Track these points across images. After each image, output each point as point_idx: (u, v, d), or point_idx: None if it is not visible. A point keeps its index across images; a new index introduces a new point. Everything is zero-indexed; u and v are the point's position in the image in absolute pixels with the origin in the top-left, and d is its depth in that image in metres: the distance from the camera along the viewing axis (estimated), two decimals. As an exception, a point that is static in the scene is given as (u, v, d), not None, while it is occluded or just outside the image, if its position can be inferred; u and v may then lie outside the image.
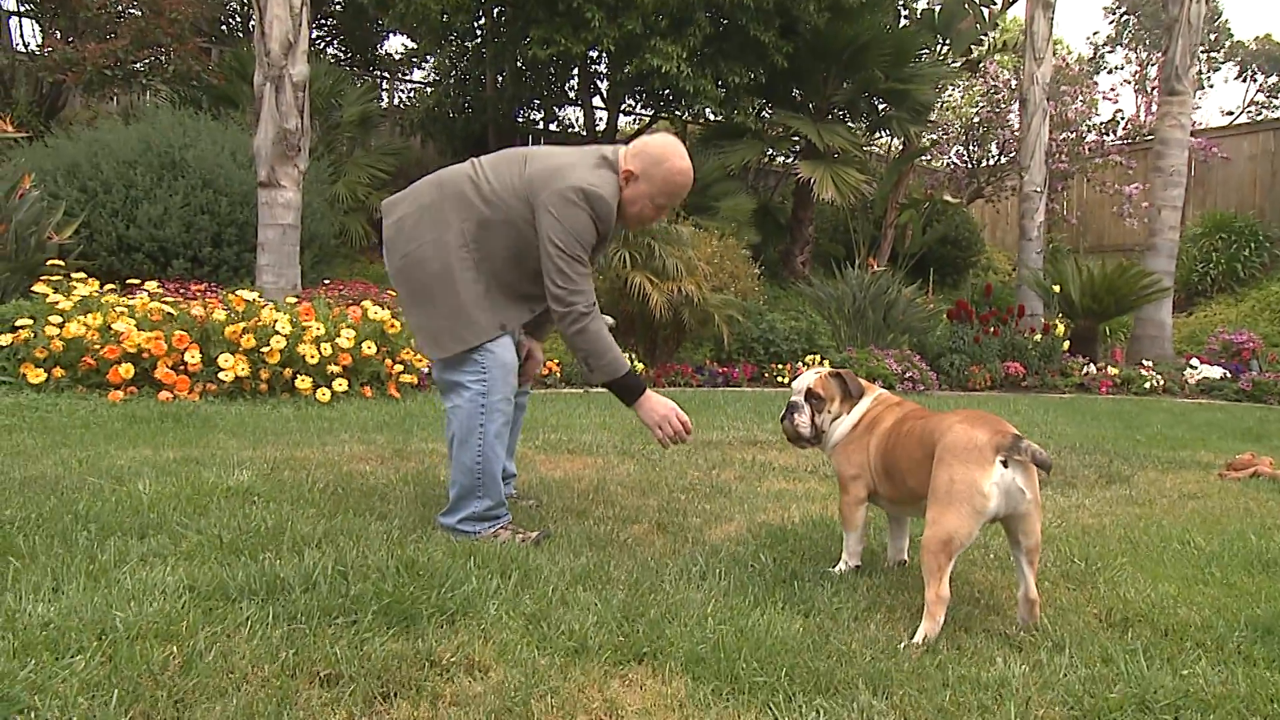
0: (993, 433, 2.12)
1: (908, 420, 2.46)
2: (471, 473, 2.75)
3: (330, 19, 15.26)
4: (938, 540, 2.08)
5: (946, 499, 2.10)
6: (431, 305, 2.76)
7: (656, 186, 2.74)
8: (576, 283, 2.66)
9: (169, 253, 8.10)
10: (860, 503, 2.54)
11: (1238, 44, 25.25)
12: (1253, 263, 13.48)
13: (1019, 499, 2.11)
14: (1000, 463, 2.09)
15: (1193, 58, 11.26)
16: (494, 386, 2.73)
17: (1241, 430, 6.37)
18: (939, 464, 2.16)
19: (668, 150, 2.74)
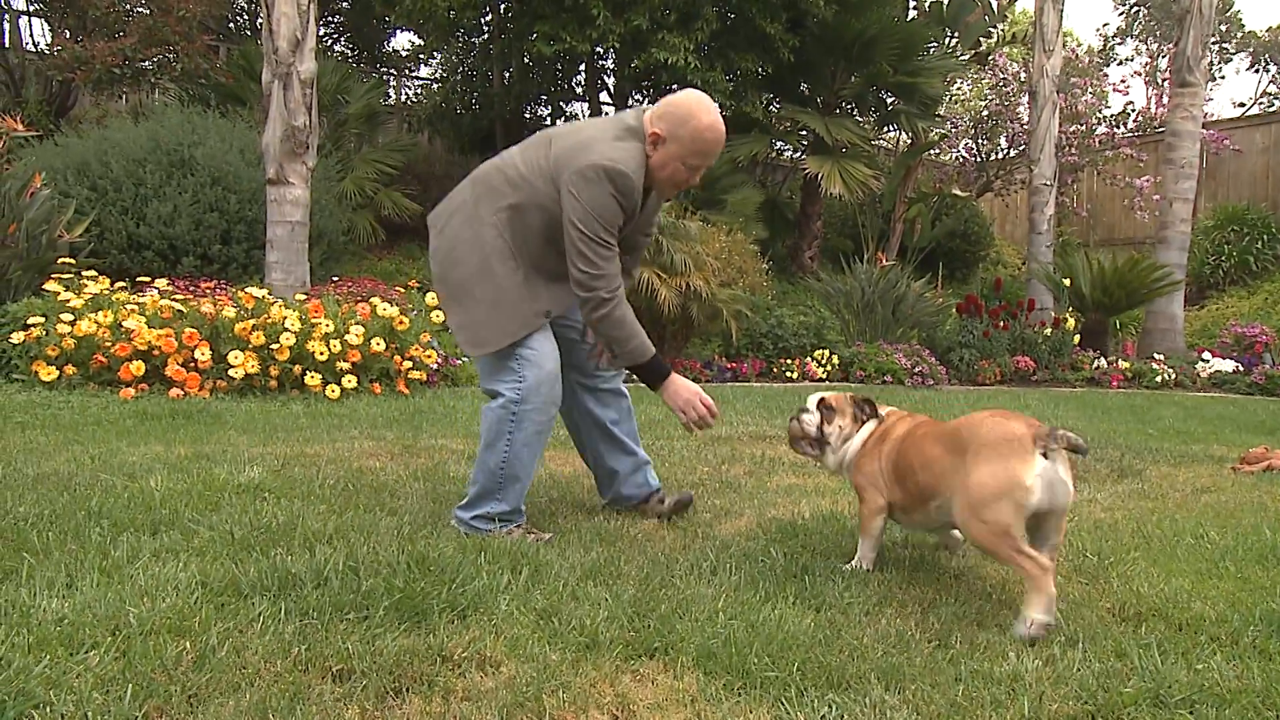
0: (1028, 424, 2.09)
1: (921, 427, 2.46)
2: (494, 476, 2.73)
3: (337, 16, 15.29)
4: (994, 535, 2.07)
5: (987, 498, 2.07)
6: (471, 300, 2.70)
7: (686, 146, 2.61)
8: (599, 266, 2.58)
9: (179, 250, 8.13)
10: (878, 511, 2.50)
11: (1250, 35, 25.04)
12: (1265, 255, 13.39)
13: (1061, 492, 2.08)
14: (1040, 454, 2.05)
15: (1204, 49, 11.18)
16: (528, 395, 2.68)
17: (1255, 424, 6.33)
18: (975, 460, 2.12)
19: (694, 106, 2.61)
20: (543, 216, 2.67)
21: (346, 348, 5.87)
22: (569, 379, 2.98)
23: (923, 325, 9.93)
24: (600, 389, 3.04)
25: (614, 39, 10.44)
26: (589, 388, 3.03)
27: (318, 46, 8.12)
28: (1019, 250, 16.22)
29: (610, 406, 3.05)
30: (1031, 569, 2.03)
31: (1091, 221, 16.42)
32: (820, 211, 13.39)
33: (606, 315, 2.64)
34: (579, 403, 3.05)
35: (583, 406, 3.05)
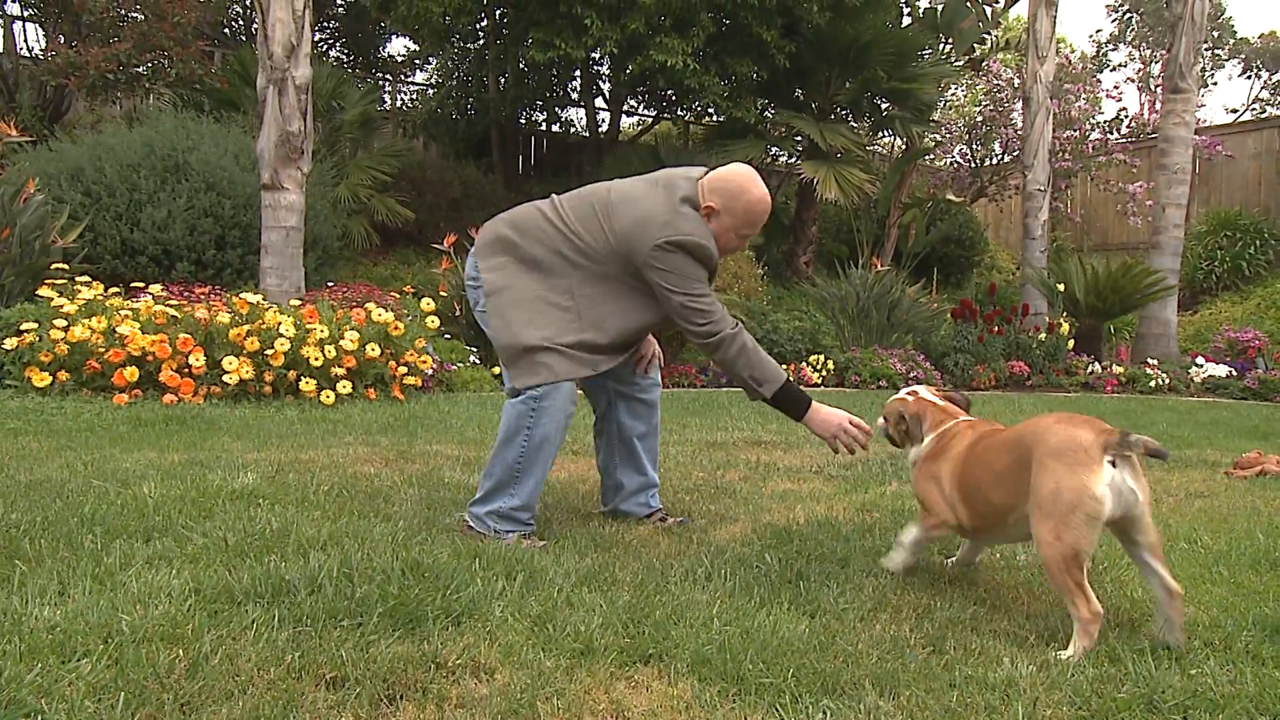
0: (1097, 431, 2.00)
1: (984, 438, 2.35)
2: (510, 469, 2.75)
3: (333, 21, 15.30)
4: (1061, 558, 1.96)
5: (1056, 509, 1.97)
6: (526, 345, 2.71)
7: (739, 219, 2.75)
8: (709, 312, 2.69)
9: (173, 256, 8.12)
10: (936, 528, 2.42)
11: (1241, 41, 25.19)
12: (1258, 260, 13.45)
13: (1131, 501, 1.98)
14: (1109, 463, 1.97)
15: (1196, 55, 11.24)
16: (549, 391, 2.70)
17: (1248, 428, 6.35)
18: (1041, 471, 2.02)
19: (745, 181, 2.74)
20: (622, 291, 2.76)
21: (341, 353, 5.86)
22: (607, 385, 3.05)
23: (918, 330, 9.95)
24: (636, 398, 3.06)
25: (610, 45, 10.46)
26: (625, 395, 3.06)
27: (313, 52, 8.13)
28: (1013, 255, 16.27)
29: (640, 419, 3.07)
30: (1083, 612, 1.95)
31: (1085, 227, 16.48)
32: (815, 217, 13.42)
33: (739, 350, 2.72)
34: (612, 409, 3.08)
35: (614, 414, 3.08)
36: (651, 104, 13.90)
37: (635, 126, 15.88)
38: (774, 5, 10.88)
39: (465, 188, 12.08)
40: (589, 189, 2.86)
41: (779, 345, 8.98)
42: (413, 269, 11.01)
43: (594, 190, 2.84)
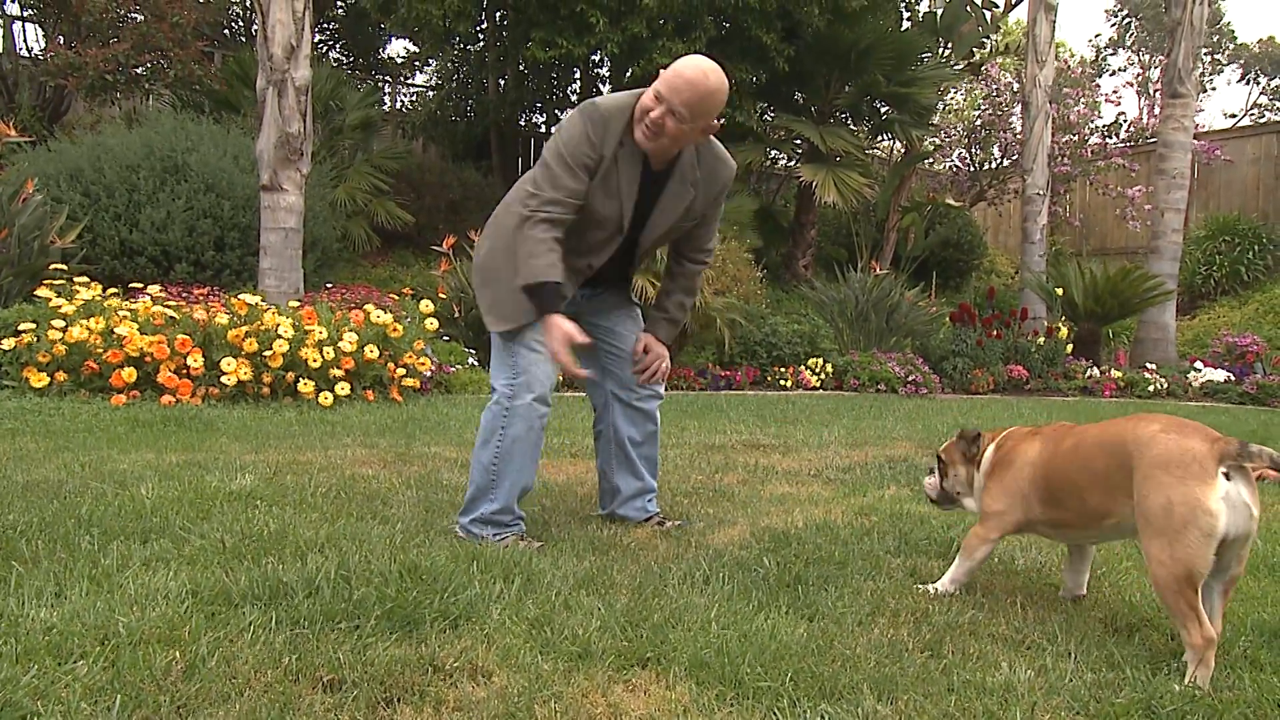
0: (1210, 440, 1.87)
1: (1067, 437, 2.25)
2: (486, 472, 2.76)
3: (333, 23, 15.31)
4: (1175, 579, 1.84)
5: (1168, 526, 1.85)
6: (496, 282, 2.79)
7: (659, 81, 2.60)
8: (541, 188, 2.62)
9: (171, 256, 8.11)
10: (990, 541, 2.38)
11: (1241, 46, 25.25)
12: (1256, 265, 13.46)
13: (1246, 517, 1.84)
14: (1223, 474, 1.83)
15: (1195, 60, 11.26)
16: (519, 391, 2.73)
17: (1246, 433, 6.35)
18: (1148, 483, 1.90)
19: (685, 58, 2.64)
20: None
21: (340, 355, 5.85)
22: (606, 389, 3.06)
23: (916, 334, 9.95)
24: (633, 405, 3.05)
25: (612, 45, 10.48)
26: (623, 401, 3.05)
27: (312, 53, 8.13)
28: (1012, 259, 16.27)
29: (636, 426, 3.07)
30: (1195, 638, 1.84)
31: (1084, 231, 16.49)
32: (815, 220, 13.43)
33: (520, 236, 2.65)
34: (610, 414, 3.08)
35: (611, 419, 3.08)
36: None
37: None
38: (774, 9, 10.89)
39: (465, 190, 12.08)
40: None
41: (778, 348, 8.98)
42: (412, 271, 11.00)
43: None
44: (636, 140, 2.66)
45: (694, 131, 2.64)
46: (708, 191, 2.83)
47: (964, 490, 2.52)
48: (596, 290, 2.96)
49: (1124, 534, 2.17)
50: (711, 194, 2.85)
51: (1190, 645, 1.86)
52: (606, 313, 3.01)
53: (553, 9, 10.55)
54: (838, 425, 5.88)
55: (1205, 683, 1.83)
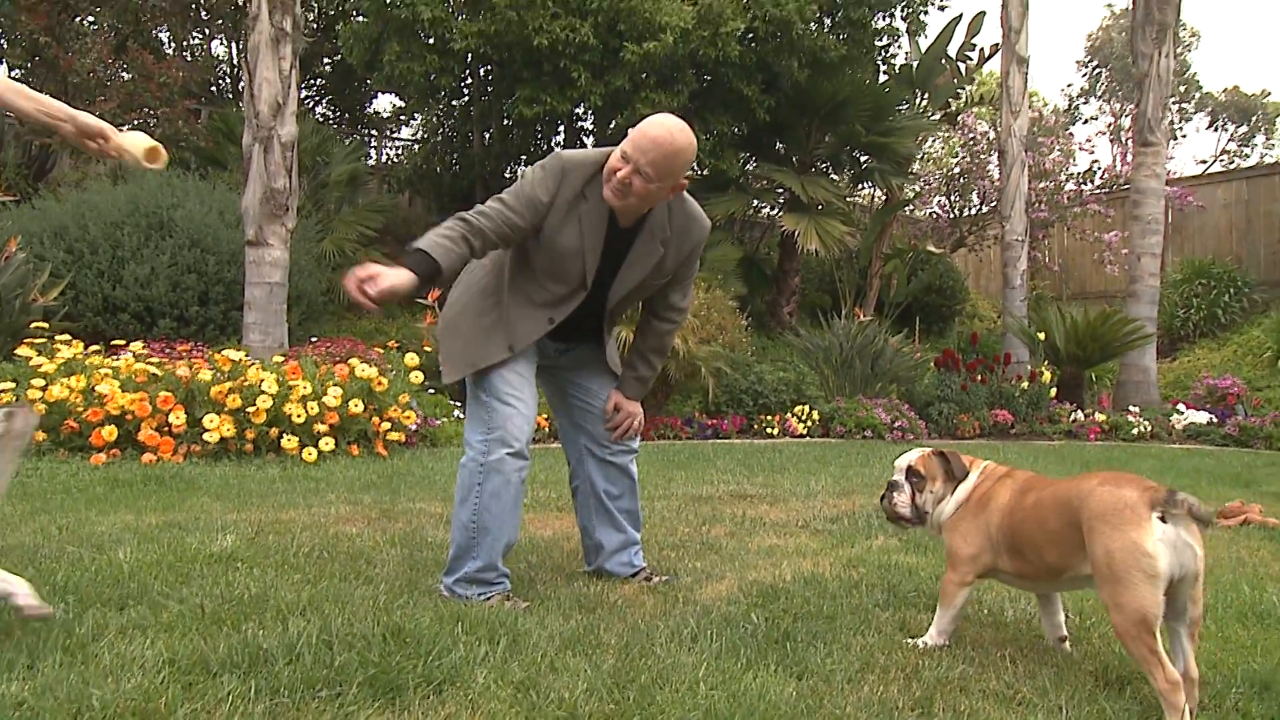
0: (1141, 488, 1.99)
1: (1030, 491, 2.30)
2: (467, 530, 2.74)
3: (319, 79, 15.52)
4: (1130, 624, 1.92)
5: (1114, 574, 1.95)
6: (453, 333, 2.86)
7: (628, 138, 2.61)
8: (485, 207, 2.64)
9: (155, 312, 8.09)
10: (966, 585, 2.38)
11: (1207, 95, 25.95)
12: (1232, 308, 13.66)
13: (1189, 556, 1.94)
14: (1158, 518, 1.94)
15: (1164, 110, 11.55)
16: (493, 446, 2.72)
17: (1230, 476, 6.38)
18: (1091, 536, 2.01)
19: (651, 118, 2.65)
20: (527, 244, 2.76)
21: (324, 410, 5.82)
22: (580, 443, 3.05)
23: (901, 380, 10.00)
24: (608, 461, 3.04)
25: (595, 98, 10.66)
26: (598, 457, 3.04)
27: (299, 109, 8.23)
28: (994, 304, 16.45)
29: (612, 481, 3.05)
30: (1160, 682, 1.88)
31: (1064, 276, 16.72)
32: (798, 268, 13.57)
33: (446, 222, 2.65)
34: (585, 469, 3.07)
35: (586, 473, 3.06)
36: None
37: (619, 180, 16.06)
38: (754, 62, 11.14)
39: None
40: None
41: (764, 396, 8.99)
42: (397, 323, 11.01)
43: None
44: (606, 199, 2.67)
45: (662, 190, 2.66)
46: (679, 249, 2.83)
47: (931, 510, 2.47)
48: (570, 345, 2.96)
49: (1084, 586, 2.22)
50: (683, 252, 2.85)
51: (1158, 690, 1.90)
52: (580, 368, 3.01)
53: (536, 65, 10.75)
54: (825, 474, 5.87)
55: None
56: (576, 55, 10.44)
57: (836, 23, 12.24)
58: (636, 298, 2.96)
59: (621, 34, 10.45)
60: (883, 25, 13.00)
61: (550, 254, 2.72)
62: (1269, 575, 3.27)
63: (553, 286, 2.76)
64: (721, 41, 10.48)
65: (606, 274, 2.79)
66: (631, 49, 10.23)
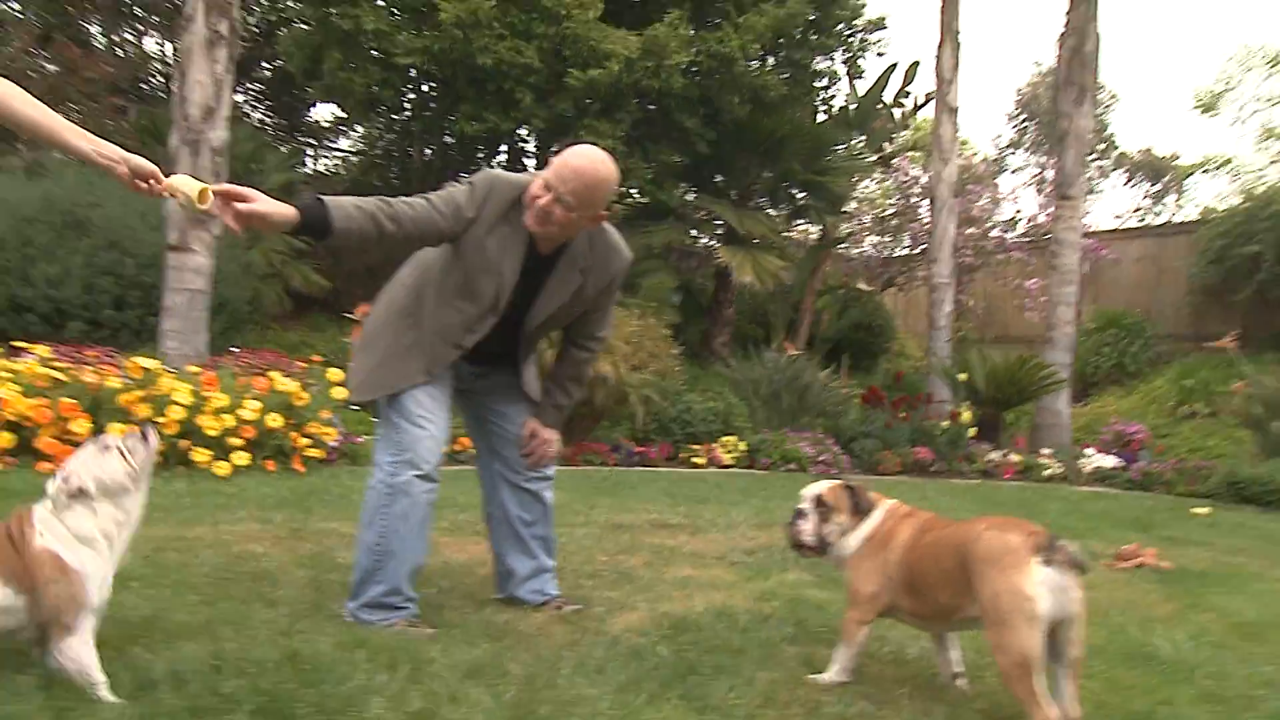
0: (1025, 534, 2.08)
1: (928, 531, 2.38)
2: (372, 553, 2.70)
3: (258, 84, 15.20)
4: (1012, 664, 2.02)
5: (998, 616, 2.04)
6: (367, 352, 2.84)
7: (550, 166, 2.63)
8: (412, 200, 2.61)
9: (65, 314, 7.76)
10: (866, 623, 2.43)
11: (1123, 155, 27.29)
12: (1140, 358, 14.31)
13: (1068, 599, 2.04)
14: (1040, 562, 2.03)
15: (1083, 166, 12.11)
16: (402, 469, 2.68)
17: (1130, 519, 6.65)
18: (977, 579, 2.10)
19: (574, 148, 2.68)
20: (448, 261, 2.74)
21: (240, 423, 5.65)
22: (494, 469, 3.03)
23: (828, 414, 10.17)
24: (522, 487, 3.02)
25: (539, 121, 10.69)
26: (511, 483, 3.02)
27: (234, 114, 8.05)
28: (921, 343, 16.89)
29: (525, 506, 3.03)
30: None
31: (987, 319, 17.28)
32: (732, 299, 13.74)
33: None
34: (498, 494, 3.04)
35: (500, 499, 3.04)
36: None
37: (559, 203, 16.08)
38: (697, 95, 11.33)
39: (385, 257, 11.97)
40: None
41: (692, 425, 9.04)
42: (325, 336, 10.76)
43: None
44: (527, 225, 2.67)
45: (583, 219, 2.68)
46: (599, 279, 2.84)
47: (835, 543, 2.51)
48: (486, 370, 2.95)
49: (975, 627, 2.28)
50: (603, 282, 2.86)
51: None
52: (496, 393, 3.00)
53: (480, 84, 10.74)
54: (747, 505, 5.92)
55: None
56: (521, 78, 10.47)
57: (779, 62, 12.54)
58: (554, 325, 2.96)
59: (566, 60, 10.52)
60: (823, 67, 13.37)
61: (466, 271, 2.71)
62: (1157, 618, 3.41)
63: (465, 307, 2.74)
64: (665, 73, 10.63)
65: (523, 300, 2.79)
66: (576, 75, 10.31)
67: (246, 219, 2.34)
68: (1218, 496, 8.60)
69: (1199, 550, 5.27)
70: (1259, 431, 9.64)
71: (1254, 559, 5.09)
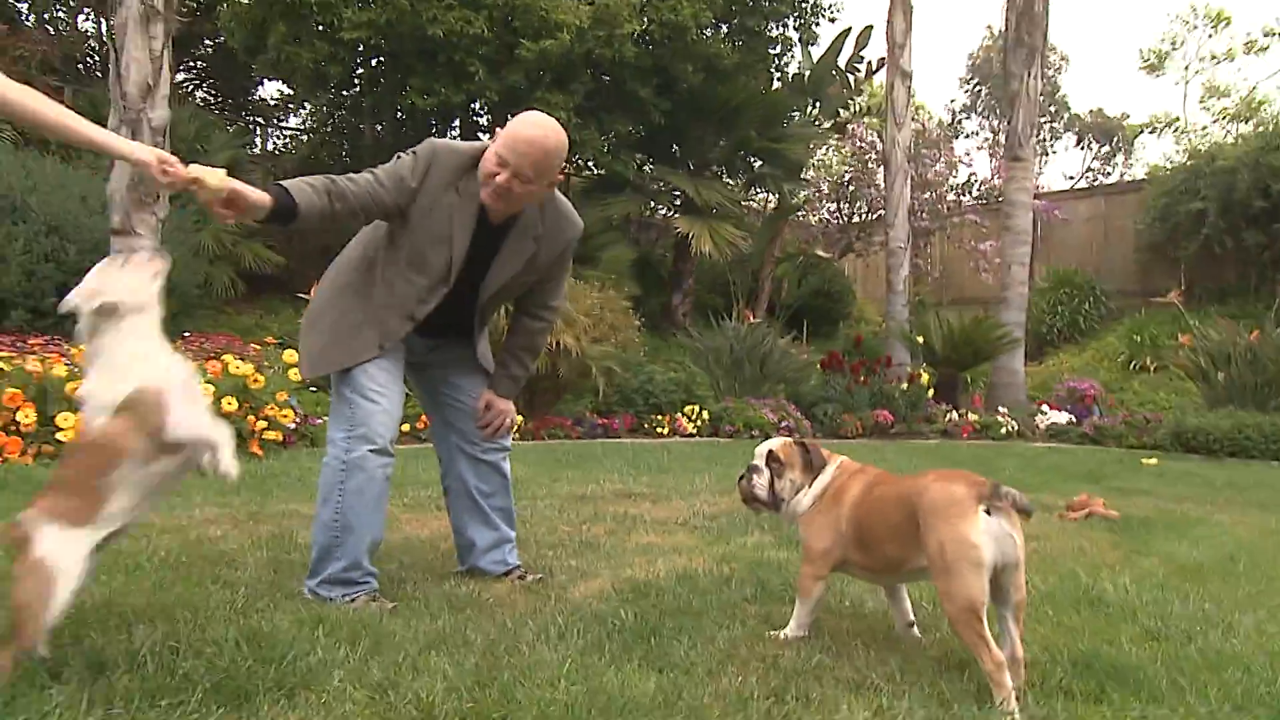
0: (970, 484, 2.14)
1: (877, 486, 2.42)
2: (329, 529, 2.69)
3: (200, 61, 14.78)
4: (959, 610, 2.06)
5: (944, 565, 2.08)
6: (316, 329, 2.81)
7: (500, 141, 2.60)
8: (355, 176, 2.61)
9: (6, 304, 7.53)
10: (821, 578, 2.46)
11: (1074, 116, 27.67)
12: (1091, 315, 14.64)
13: (1010, 545, 2.10)
14: (984, 511, 2.09)
15: (1033, 128, 12.28)
16: (357, 444, 2.67)
17: (1083, 472, 6.83)
18: (924, 529, 2.14)
19: (523, 115, 2.65)
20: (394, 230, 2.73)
21: (193, 407, 5.54)
22: (451, 441, 3.02)
23: (789, 380, 10.27)
24: (480, 459, 3.02)
25: (491, 94, 10.54)
26: (469, 455, 3.01)
27: (176, 93, 7.83)
28: (879, 308, 17.09)
29: (484, 479, 3.03)
30: (987, 663, 2.02)
31: (944, 282, 17.52)
32: (692, 269, 13.77)
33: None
34: (456, 467, 3.04)
35: (458, 471, 3.04)
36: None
37: (516, 177, 15.92)
38: (650, 65, 11.25)
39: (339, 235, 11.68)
40: None
41: (655, 396, 9.08)
42: (279, 318, 10.59)
43: None
44: (485, 201, 2.66)
45: (540, 189, 2.68)
46: (551, 248, 2.84)
47: (788, 498, 2.54)
48: (439, 342, 2.93)
49: (923, 578, 2.34)
50: (555, 250, 2.86)
51: (985, 671, 2.04)
52: (450, 366, 2.99)
53: (430, 56, 10.55)
54: (710, 472, 5.98)
55: (1010, 703, 1.98)
56: (471, 49, 10.30)
57: (732, 29, 12.48)
58: (507, 296, 2.95)
59: (517, 30, 10.38)
60: (776, 34, 13.32)
61: (414, 242, 2.69)
62: (1104, 563, 3.52)
63: (415, 278, 2.72)
64: (618, 43, 10.53)
65: (477, 271, 2.77)
66: (528, 46, 10.17)
67: (231, 207, 2.35)
68: (1165, 447, 8.87)
69: (1146, 499, 5.44)
70: (1204, 383, 9.93)
71: (1197, 505, 5.27)
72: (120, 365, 2.11)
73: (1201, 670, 2.28)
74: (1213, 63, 26.64)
